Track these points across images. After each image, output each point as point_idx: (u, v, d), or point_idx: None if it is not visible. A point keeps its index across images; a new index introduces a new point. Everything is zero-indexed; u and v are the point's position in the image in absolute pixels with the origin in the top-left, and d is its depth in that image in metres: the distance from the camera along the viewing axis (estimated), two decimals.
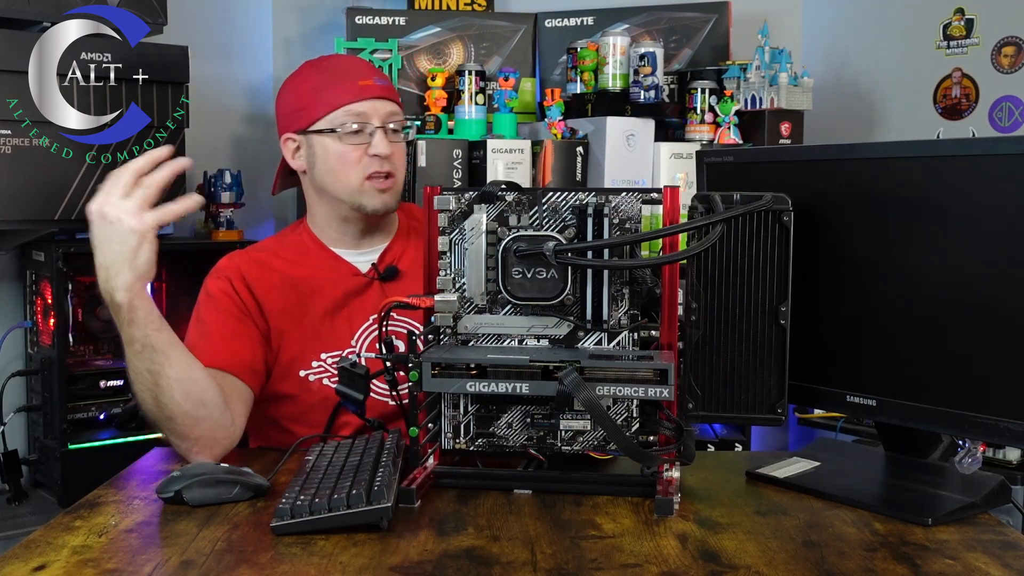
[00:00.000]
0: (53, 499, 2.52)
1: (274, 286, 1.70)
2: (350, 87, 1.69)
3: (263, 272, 1.71)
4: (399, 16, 3.02)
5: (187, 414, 1.44)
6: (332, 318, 1.69)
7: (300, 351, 1.67)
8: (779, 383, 1.33)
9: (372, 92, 1.70)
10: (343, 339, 1.68)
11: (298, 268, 1.73)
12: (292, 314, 1.68)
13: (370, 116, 1.69)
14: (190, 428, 1.45)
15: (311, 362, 1.67)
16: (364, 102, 1.69)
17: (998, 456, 2.52)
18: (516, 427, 1.36)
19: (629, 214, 1.34)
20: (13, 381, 2.61)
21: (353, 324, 1.69)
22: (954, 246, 1.28)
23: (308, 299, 1.70)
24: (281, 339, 1.67)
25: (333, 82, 1.72)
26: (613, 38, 2.87)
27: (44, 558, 1.11)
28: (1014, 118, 2.82)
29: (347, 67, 1.77)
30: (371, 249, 1.76)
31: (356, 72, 1.73)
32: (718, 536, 1.19)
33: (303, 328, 1.68)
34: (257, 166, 3.16)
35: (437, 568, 1.08)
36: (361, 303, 1.70)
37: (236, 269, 1.71)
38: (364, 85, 1.70)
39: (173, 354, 1.42)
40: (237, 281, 1.68)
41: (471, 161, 2.75)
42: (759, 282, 1.32)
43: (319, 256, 1.75)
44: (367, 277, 1.73)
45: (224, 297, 1.67)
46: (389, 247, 1.76)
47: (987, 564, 1.11)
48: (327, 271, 1.73)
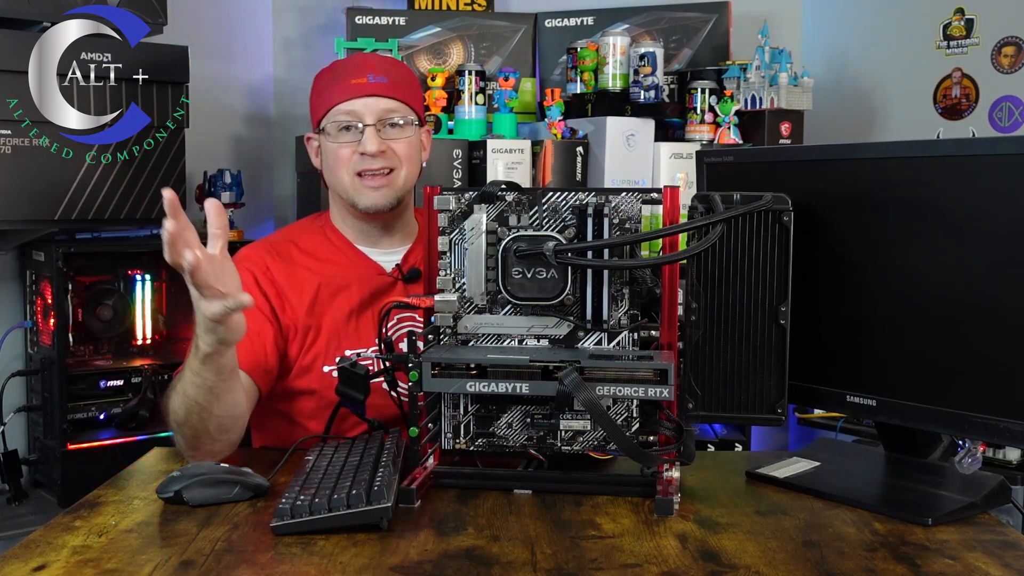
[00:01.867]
0: (53, 499, 2.53)
1: (301, 281, 1.69)
2: (343, 86, 1.70)
3: (289, 266, 1.71)
4: (399, 16, 3.02)
5: (212, 440, 1.45)
6: (358, 316, 1.69)
7: (325, 347, 1.67)
8: (779, 383, 1.33)
9: (363, 90, 1.69)
10: (368, 337, 1.68)
11: (323, 264, 1.73)
12: (320, 311, 1.68)
13: (361, 114, 1.68)
14: (207, 447, 1.46)
15: (335, 358, 1.66)
16: (355, 100, 1.68)
17: (998, 456, 2.52)
18: (516, 427, 1.36)
19: (629, 214, 1.34)
20: (13, 381, 2.61)
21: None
22: (954, 246, 1.28)
23: (335, 296, 1.69)
24: (308, 335, 1.67)
25: (333, 82, 1.73)
26: (613, 38, 2.88)
27: (44, 558, 1.11)
28: (1014, 118, 2.82)
29: (349, 66, 1.77)
30: (394, 249, 1.76)
31: (354, 71, 1.73)
32: (718, 536, 1.19)
33: (330, 324, 1.67)
34: (257, 166, 3.16)
35: (437, 568, 1.08)
36: (386, 303, 1.70)
37: (260, 260, 1.70)
38: (356, 83, 1.70)
39: (226, 398, 1.42)
40: (261, 274, 1.68)
41: (471, 161, 2.75)
42: (759, 282, 1.32)
43: (346, 253, 1.75)
44: (392, 277, 1.73)
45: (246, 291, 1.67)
46: (412, 249, 1.77)
47: (987, 564, 1.11)
48: (354, 268, 1.73)
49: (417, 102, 1.76)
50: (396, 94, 1.72)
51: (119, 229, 2.62)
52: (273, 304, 1.66)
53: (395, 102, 1.71)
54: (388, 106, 1.70)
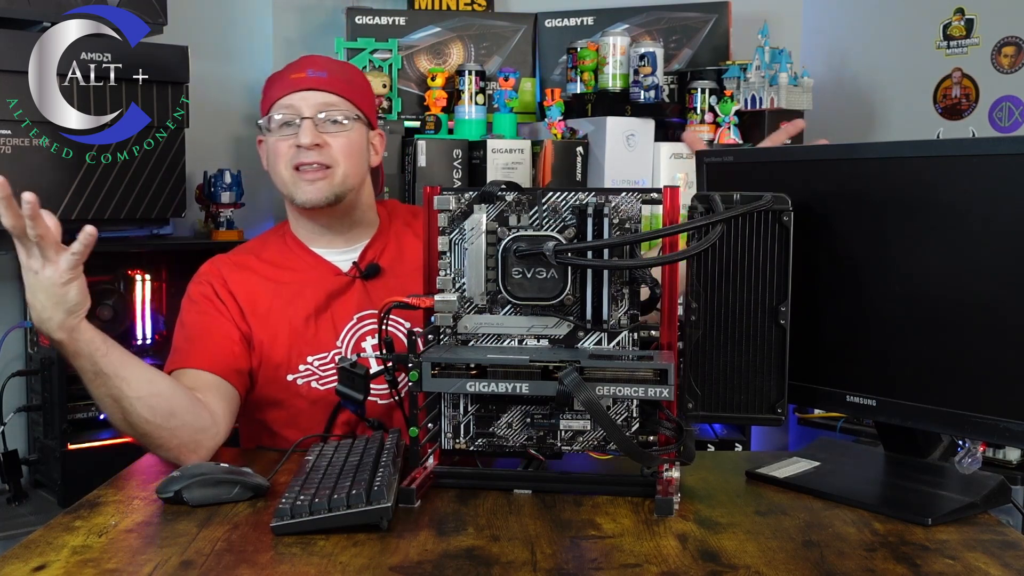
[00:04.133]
0: (53, 499, 2.52)
1: (256, 291, 1.69)
2: (284, 82, 1.69)
3: (245, 276, 1.70)
4: (399, 16, 3.02)
5: (159, 427, 1.44)
6: (316, 320, 1.68)
7: (286, 356, 1.66)
8: (779, 383, 1.33)
9: (302, 84, 1.68)
10: (328, 341, 1.67)
11: (280, 271, 1.72)
12: (276, 318, 1.67)
13: (299, 107, 1.67)
14: (166, 440, 1.45)
15: (298, 366, 1.66)
16: (293, 94, 1.67)
17: (998, 456, 2.52)
18: (516, 427, 1.36)
19: (629, 214, 1.34)
20: (13, 381, 2.61)
21: (337, 325, 1.68)
22: (954, 246, 1.28)
23: (291, 302, 1.68)
24: (265, 345, 1.66)
25: (277, 80, 1.73)
26: (613, 38, 2.87)
27: (44, 558, 1.11)
28: (1014, 118, 2.82)
29: (292, 65, 1.74)
30: (350, 248, 1.74)
31: (295, 68, 1.72)
32: (718, 536, 1.19)
33: (288, 332, 1.66)
34: (257, 166, 3.12)
35: (437, 568, 1.08)
36: (343, 303, 1.69)
37: (218, 274, 1.70)
38: (295, 78, 1.69)
39: (127, 374, 1.41)
40: (219, 286, 1.68)
41: (471, 161, 2.75)
42: (759, 282, 1.32)
43: (301, 257, 1.74)
44: (349, 276, 1.71)
45: (205, 301, 1.67)
46: (370, 244, 1.75)
47: (987, 564, 1.11)
48: (309, 272, 1.72)
49: (365, 103, 1.73)
50: (335, 89, 1.69)
51: (119, 229, 2.62)
52: (232, 313, 1.66)
53: (335, 96, 1.68)
54: (326, 99, 1.68)
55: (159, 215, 2.58)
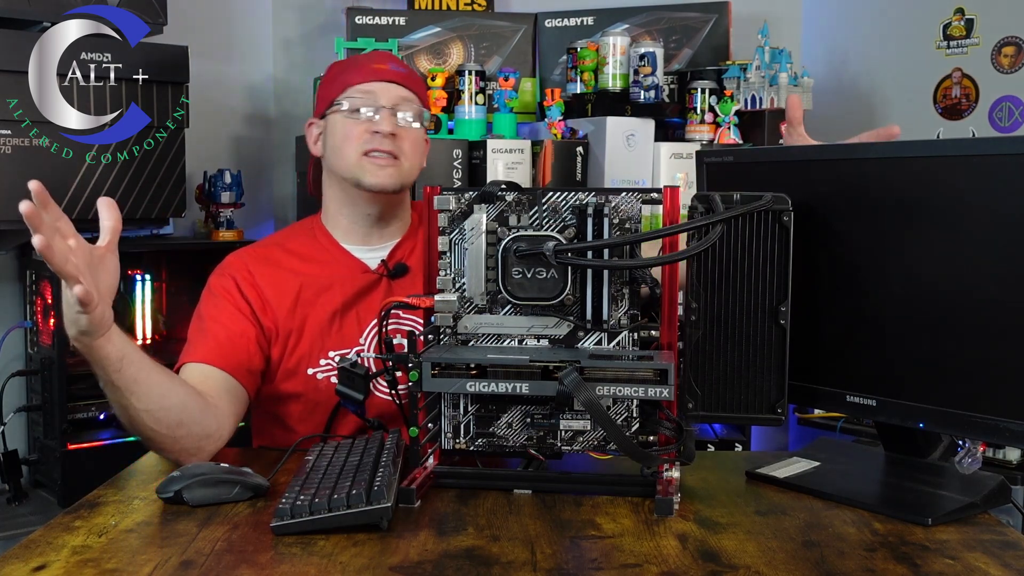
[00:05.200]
0: (53, 499, 2.53)
1: (283, 284, 1.69)
2: (364, 69, 1.72)
3: (272, 270, 1.70)
4: (399, 16, 3.02)
5: (163, 436, 1.45)
6: (341, 316, 1.69)
7: (309, 349, 1.66)
8: (779, 383, 1.33)
9: (384, 75, 1.71)
10: (352, 337, 1.68)
11: (308, 264, 1.72)
12: (302, 312, 1.68)
13: (378, 96, 1.69)
14: (169, 445, 1.46)
15: (319, 360, 1.66)
16: (375, 83, 1.70)
17: (998, 456, 2.52)
18: (516, 427, 1.36)
19: (629, 214, 1.34)
20: (13, 381, 2.61)
21: (362, 322, 1.69)
22: (954, 246, 1.28)
23: (318, 297, 1.69)
24: (290, 338, 1.66)
25: (352, 66, 1.76)
26: (613, 38, 2.88)
27: (44, 558, 1.11)
28: (1014, 118, 2.82)
29: (370, 55, 1.81)
30: (381, 245, 1.75)
31: (375, 58, 1.77)
32: (718, 536, 1.19)
33: (312, 326, 1.67)
34: (257, 166, 3.16)
35: (437, 568, 1.08)
36: (370, 301, 1.70)
37: (243, 266, 1.70)
38: (378, 68, 1.72)
39: (138, 389, 1.41)
40: (243, 280, 1.68)
41: (471, 161, 2.75)
42: (759, 282, 1.32)
43: (330, 252, 1.74)
44: (376, 274, 1.72)
45: (226, 295, 1.67)
46: (400, 244, 1.76)
47: (987, 564, 1.11)
48: (337, 268, 1.72)
49: (426, 105, 1.78)
50: (412, 87, 1.74)
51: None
52: (254, 307, 1.66)
53: (411, 93, 1.73)
54: (404, 95, 1.72)
55: (159, 215, 2.58)
